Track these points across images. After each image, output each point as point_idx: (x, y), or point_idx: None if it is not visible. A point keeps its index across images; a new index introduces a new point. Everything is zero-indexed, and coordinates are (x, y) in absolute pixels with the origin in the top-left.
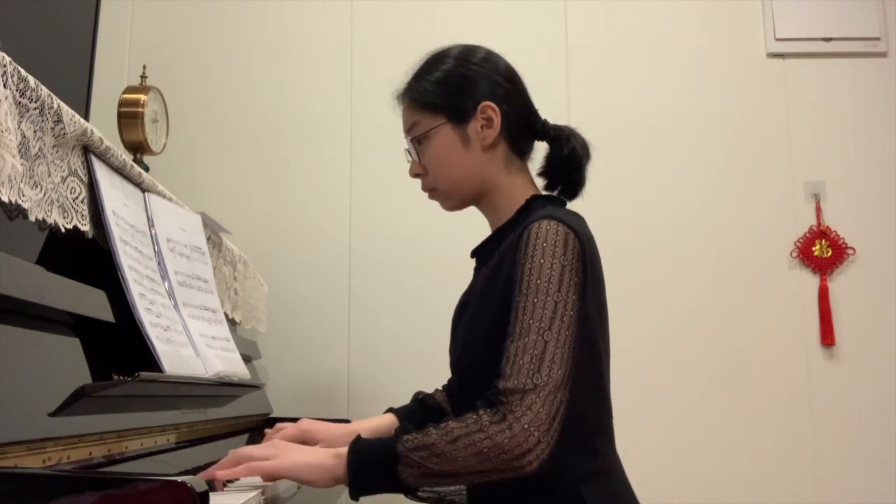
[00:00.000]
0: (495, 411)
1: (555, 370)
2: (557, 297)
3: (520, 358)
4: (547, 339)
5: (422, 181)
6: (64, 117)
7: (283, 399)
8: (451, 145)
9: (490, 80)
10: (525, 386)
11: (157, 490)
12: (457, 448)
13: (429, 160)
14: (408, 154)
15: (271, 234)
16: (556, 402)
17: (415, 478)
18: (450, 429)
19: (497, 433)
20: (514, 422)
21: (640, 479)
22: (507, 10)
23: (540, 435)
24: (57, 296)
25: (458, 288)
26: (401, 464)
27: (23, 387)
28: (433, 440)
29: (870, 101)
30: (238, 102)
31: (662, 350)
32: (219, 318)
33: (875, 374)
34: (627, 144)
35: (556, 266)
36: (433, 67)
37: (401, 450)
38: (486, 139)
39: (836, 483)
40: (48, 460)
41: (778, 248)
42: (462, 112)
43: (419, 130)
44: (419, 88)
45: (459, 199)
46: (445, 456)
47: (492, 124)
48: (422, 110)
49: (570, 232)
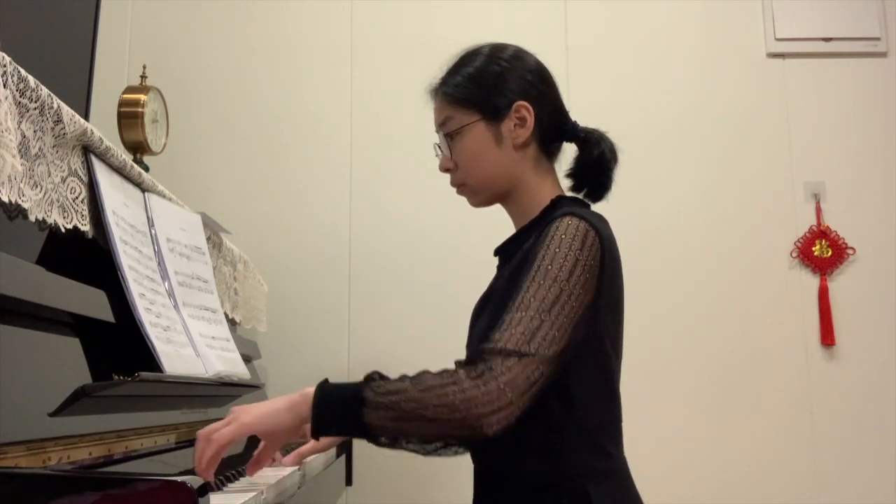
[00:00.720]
0: (473, 367)
1: (544, 346)
2: (564, 286)
3: (513, 327)
4: (544, 319)
5: (451, 176)
6: (64, 117)
7: None
8: (483, 142)
9: (523, 79)
10: (511, 350)
11: (157, 490)
12: (428, 396)
13: (460, 156)
14: (437, 148)
15: (271, 234)
16: (536, 372)
17: (379, 420)
18: (424, 378)
19: (471, 387)
20: (490, 379)
21: (640, 478)
22: (507, 10)
23: (514, 397)
24: (57, 296)
25: (458, 288)
26: (367, 405)
27: (23, 387)
28: (405, 386)
29: (870, 101)
30: (238, 102)
31: (662, 350)
32: (219, 318)
33: (875, 375)
34: (627, 144)
35: (570, 258)
36: (467, 63)
37: (369, 394)
38: (518, 138)
39: (836, 483)
40: (48, 460)
41: (778, 249)
42: (496, 110)
43: (452, 126)
44: (454, 83)
45: (487, 196)
46: (415, 402)
47: (525, 124)
48: (456, 106)
49: (592, 230)
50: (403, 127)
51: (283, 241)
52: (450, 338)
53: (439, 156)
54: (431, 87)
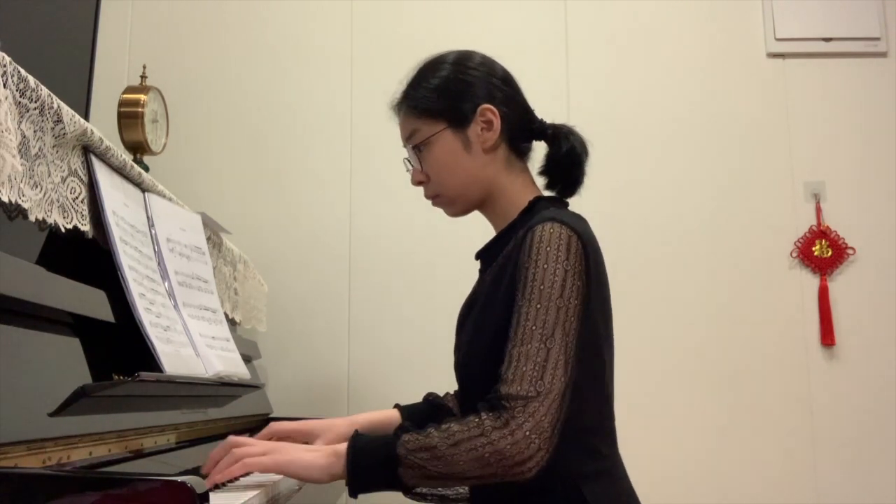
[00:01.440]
0: (497, 415)
1: (557, 377)
2: (560, 303)
3: (522, 364)
4: (549, 347)
5: (425, 188)
6: (64, 117)
7: (283, 399)
8: (452, 150)
9: (488, 84)
10: (528, 393)
11: (157, 490)
12: (458, 452)
13: (431, 166)
14: (408, 163)
15: (271, 234)
16: (558, 410)
17: (415, 479)
18: (451, 431)
19: (499, 439)
20: (516, 428)
21: (640, 478)
22: (507, 10)
23: (541, 442)
24: (57, 296)
25: (457, 287)
26: (402, 465)
27: (23, 387)
28: (435, 443)
29: (870, 101)
30: (238, 102)
31: (662, 350)
32: (219, 318)
33: (875, 375)
34: (627, 144)
35: (559, 271)
36: (430, 74)
37: (401, 451)
38: (486, 141)
39: (836, 483)
40: (48, 460)
41: (778, 248)
42: (462, 116)
43: (420, 137)
44: (417, 96)
45: (464, 204)
46: (446, 459)
47: (491, 126)
48: (421, 117)
49: (574, 235)
50: None
51: (283, 241)
52: (450, 338)
53: (409, 170)
54: (393, 102)
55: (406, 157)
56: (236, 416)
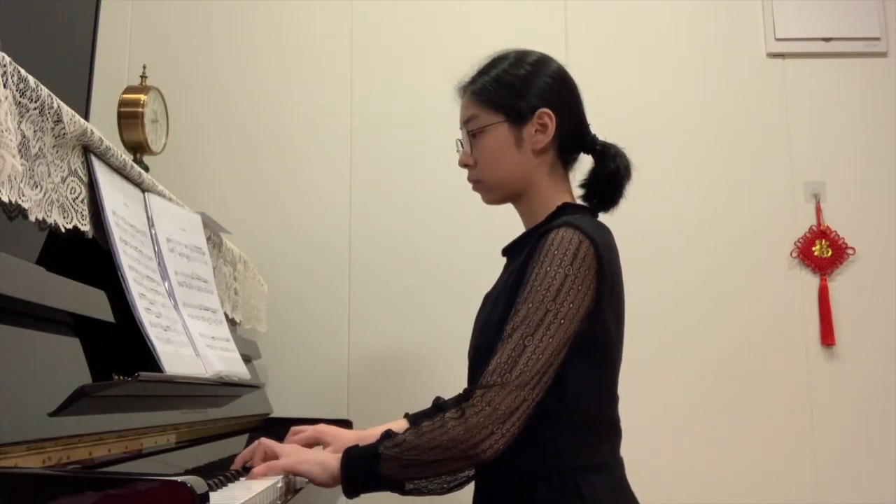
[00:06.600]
0: (458, 409)
1: (526, 372)
2: (550, 306)
3: (498, 357)
4: (527, 344)
5: (468, 172)
6: (64, 117)
7: (283, 399)
8: (504, 144)
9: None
10: (492, 382)
11: (157, 490)
12: (423, 442)
13: (480, 153)
14: (459, 144)
15: (271, 234)
16: (517, 398)
17: (391, 470)
18: (421, 426)
19: (454, 427)
20: (471, 416)
21: (640, 478)
22: (507, 10)
23: (494, 427)
24: (57, 296)
25: (457, 288)
26: (381, 460)
27: (23, 387)
28: (406, 437)
29: (870, 101)
30: (238, 102)
31: (662, 350)
32: (219, 318)
33: (875, 375)
34: (627, 144)
35: (559, 275)
36: (495, 65)
37: (381, 449)
38: (537, 143)
39: (836, 483)
40: (48, 460)
41: (778, 248)
42: (520, 114)
43: (476, 124)
44: (483, 84)
45: (501, 195)
46: (415, 448)
47: (546, 130)
48: (482, 105)
49: (586, 240)
50: (404, 127)
51: (283, 241)
52: (450, 337)
53: (459, 151)
54: (461, 84)
55: (458, 139)
56: (236, 416)
